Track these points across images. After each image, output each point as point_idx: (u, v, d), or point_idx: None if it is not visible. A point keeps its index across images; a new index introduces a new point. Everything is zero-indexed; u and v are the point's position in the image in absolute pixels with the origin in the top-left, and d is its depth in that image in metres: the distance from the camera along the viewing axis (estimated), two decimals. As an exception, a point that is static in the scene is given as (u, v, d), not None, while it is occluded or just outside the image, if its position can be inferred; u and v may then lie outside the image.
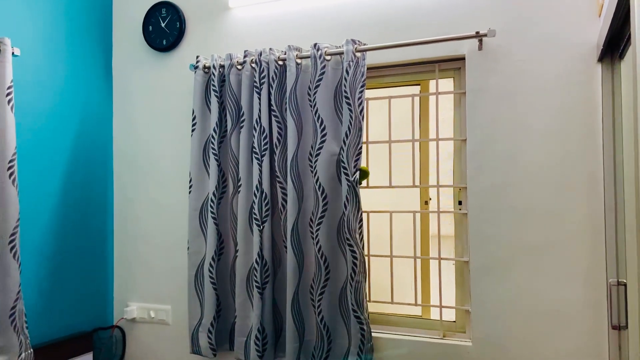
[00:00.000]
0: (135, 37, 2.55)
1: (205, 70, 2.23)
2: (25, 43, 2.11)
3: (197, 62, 2.24)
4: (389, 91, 2.20)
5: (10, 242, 1.85)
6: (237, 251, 2.13)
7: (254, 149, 2.09)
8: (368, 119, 2.21)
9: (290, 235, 2.00)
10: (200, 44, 2.42)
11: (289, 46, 2.05)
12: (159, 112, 2.50)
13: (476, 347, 1.91)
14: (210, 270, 2.15)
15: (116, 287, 2.57)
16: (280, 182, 2.06)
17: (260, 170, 2.06)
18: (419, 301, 2.12)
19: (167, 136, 2.48)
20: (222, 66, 2.19)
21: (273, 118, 2.06)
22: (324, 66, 1.99)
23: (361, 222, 1.95)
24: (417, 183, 2.13)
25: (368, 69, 2.13)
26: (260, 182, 2.06)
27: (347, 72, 1.93)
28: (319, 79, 1.98)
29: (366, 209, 2.18)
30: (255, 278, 2.04)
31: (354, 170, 1.93)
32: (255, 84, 2.09)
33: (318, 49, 1.99)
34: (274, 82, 2.06)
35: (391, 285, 2.16)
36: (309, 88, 2.03)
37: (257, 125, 2.07)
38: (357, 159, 1.94)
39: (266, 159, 2.07)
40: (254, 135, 2.09)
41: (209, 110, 2.23)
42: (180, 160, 2.44)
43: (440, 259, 2.06)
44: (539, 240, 1.84)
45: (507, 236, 1.88)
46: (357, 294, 1.92)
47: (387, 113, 2.16)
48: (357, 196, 1.92)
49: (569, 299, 1.80)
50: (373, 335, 2.01)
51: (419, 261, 2.14)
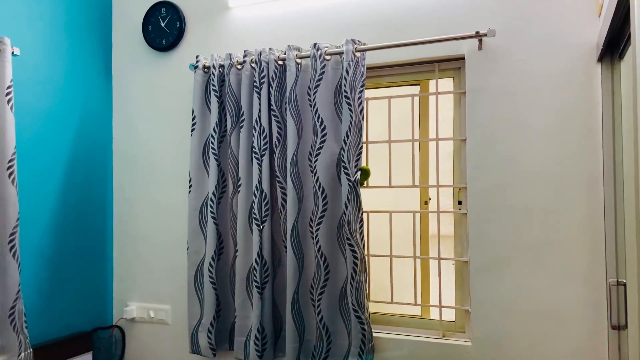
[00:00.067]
0: (135, 37, 2.55)
1: (205, 70, 2.23)
2: (25, 42, 2.11)
3: (196, 62, 2.24)
4: (389, 91, 2.20)
5: (10, 242, 1.85)
6: (236, 251, 2.13)
7: (253, 149, 2.09)
8: (368, 118, 2.21)
9: (290, 235, 2.00)
10: (200, 43, 2.42)
11: (288, 46, 2.05)
12: (158, 112, 2.50)
13: (476, 347, 1.91)
14: (210, 270, 2.15)
15: (116, 287, 2.57)
16: (280, 182, 2.06)
17: (260, 170, 2.06)
18: (419, 301, 2.12)
19: (166, 136, 2.48)
20: (221, 66, 2.19)
21: (273, 118, 2.06)
22: (324, 66, 1.99)
23: (362, 222, 1.95)
24: (417, 183, 2.13)
25: (368, 68, 2.13)
26: (260, 182, 2.06)
27: (347, 71, 1.93)
28: (319, 79, 1.98)
29: (366, 208, 2.18)
30: (254, 278, 2.04)
31: (355, 170, 1.93)
32: (255, 83, 2.09)
33: (318, 49, 1.99)
34: (273, 81, 2.06)
35: (391, 285, 2.16)
36: (309, 88, 2.03)
37: (257, 125, 2.07)
38: (357, 158, 1.94)
39: (266, 159, 2.07)
40: (253, 135, 2.09)
41: (209, 110, 2.23)
42: (180, 160, 2.44)
43: (439, 258, 2.06)
44: (538, 240, 1.84)
45: (506, 236, 1.88)
46: (358, 294, 1.92)
47: (386, 113, 2.16)
48: (357, 196, 1.92)
49: (569, 299, 1.80)
50: (373, 335, 2.01)
51: (418, 261, 2.14)
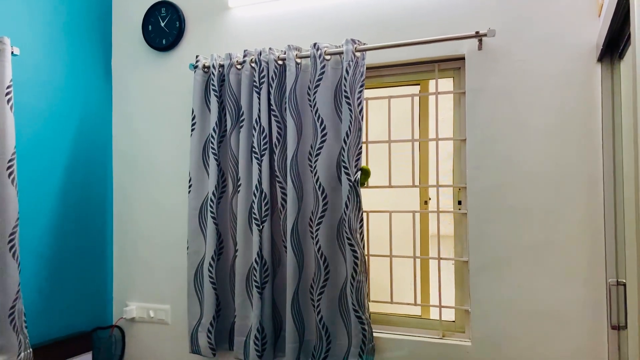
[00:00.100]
0: (135, 37, 2.55)
1: (205, 69, 2.23)
2: (24, 42, 2.11)
3: (196, 62, 2.24)
4: (389, 91, 2.20)
5: (10, 241, 1.85)
6: (236, 251, 2.13)
7: (253, 149, 2.09)
8: (368, 118, 2.21)
9: (290, 235, 2.00)
10: (200, 43, 2.42)
11: (288, 46, 2.05)
12: (158, 112, 2.50)
13: (475, 347, 1.91)
14: (209, 270, 2.15)
15: (115, 287, 2.57)
16: (279, 182, 2.06)
17: (260, 170, 2.06)
18: (419, 301, 2.12)
19: (166, 136, 2.48)
20: (221, 66, 2.19)
21: (273, 118, 2.06)
22: (324, 66, 1.99)
23: (362, 222, 1.95)
24: (417, 183, 2.13)
25: (367, 68, 2.13)
26: (260, 182, 2.06)
27: (347, 71, 1.93)
28: (319, 79, 1.98)
29: (366, 208, 2.18)
30: (254, 278, 2.04)
31: (355, 170, 1.93)
32: (254, 83, 2.09)
33: (318, 49, 1.99)
34: (273, 81, 2.06)
35: (390, 285, 2.16)
36: (309, 88, 2.03)
37: (257, 125, 2.07)
38: (357, 158, 1.94)
39: (266, 159, 2.06)
40: (253, 135, 2.09)
41: (209, 109, 2.23)
42: (180, 160, 2.44)
43: (439, 258, 2.06)
44: (538, 240, 1.84)
45: (506, 236, 1.88)
46: (358, 294, 1.92)
47: (386, 113, 2.16)
48: (358, 196, 1.92)
49: (569, 299, 1.80)
50: (374, 335, 2.01)
51: (418, 261, 2.14)
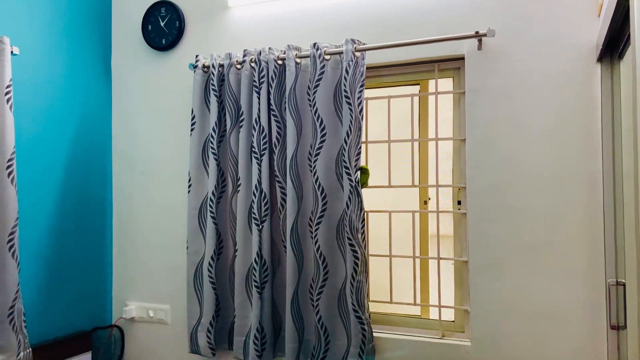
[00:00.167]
0: (135, 37, 2.55)
1: (205, 69, 2.23)
2: (24, 42, 2.11)
3: (196, 62, 2.24)
4: (388, 91, 2.20)
5: (9, 241, 1.85)
6: (236, 251, 2.13)
7: (253, 149, 2.08)
8: (367, 118, 2.21)
9: (290, 235, 2.00)
10: (200, 43, 2.41)
11: (288, 45, 2.05)
12: (158, 112, 2.49)
13: (475, 346, 1.91)
14: (209, 270, 2.15)
15: (115, 287, 2.57)
16: (279, 182, 2.06)
17: (260, 170, 2.06)
18: (418, 301, 2.12)
19: (166, 135, 2.47)
20: (221, 65, 2.19)
21: (272, 117, 2.06)
22: (324, 66, 1.99)
23: (364, 221, 1.95)
24: (417, 183, 2.13)
25: (367, 68, 2.12)
26: (260, 182, 2.06)
27: (347, 71, 1.93)
28: (319, 79, 1.98)
29: (365, 208, 2.17)
30: (254, 278, 2.04)
31: (355, 169, 1.93)
32: (254, 83, 2.09)
33: (317, 49, 1.99)
34: (273, 81, 2.06)
35: (390, 285, 2.16)
36: (309, 87, 2.03)
37: (257, 124, 2.07)
38: (357, 158, 1.94)
39: (265, 159, 2.06)
40: (253, 135, 2.09)
41: (208, 109, 2.23)
42: (179, 160, 2.44)
43: (439, 258, 2.06)
44: (537, 240, 1.84)
45: (506, 236, 1.88)
46: (358, 294, 1.91)
47: (386, 113, 2.16)
48: (359, 196, 1.92)
49: (568, 299, 1.80)
50: (373, 336, 2.01)
51: (418, 261, 2.14)
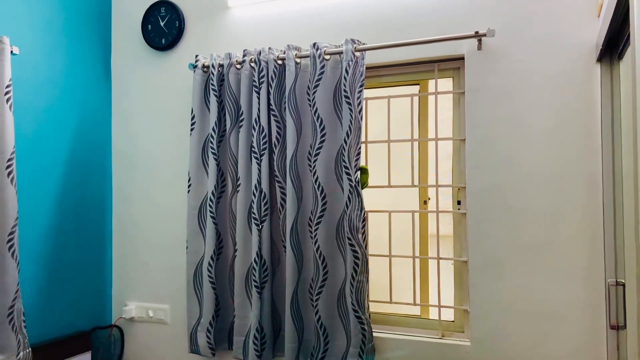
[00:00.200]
0: (134, 36, 2.55)
1: (204, 69, 2.23)
2: (24, 42, 2.11)
3: (196, 61, 2.24)
4: (388, 91, 2.20)
5: (9, 241, 1.85)
6: (236, 251, 2.13)
7: (253, 149, 2.08)
8: (367, 118, 2.21)
9: (289, 235, 2.00)
10: (200, 43, 2.41)
11: (288, 45, 2.05)
12: (157, 112, 2.49)
13: (475, 346, 1.91)
14: (209, 270, 2.15)
15: (115, 287, 2.57)
16: (279, 182, 2.06)
17: (259, 170, 2.06)
18: (418, 301, 2.12)
19: (165, 135, 2.47)
20: (221, 65, 2.19)
21: (272, 117, 2.06)
22: (323, 66, 1.99)
23: (364, 221, 1.95)
24: (416, 183, 2.13)
25: (367, 68, 2.12)
26: (259, 182, 2.06)
27: (347, 71, 1.93)
28: (318, 79, 1.98)
29: (365, 208, 2.17)
30: (254, 277, 2.04)
31: (355, 169, 1.93)
32: (254, 83, 2.09)
33: (317, 49, 1.99)
34: (273, 81, 2.06)
35: (390, 285, 2.16)
36: (308, 87, 2.03)
37: (256, 124, 2.07)
38: (357, 158, 1.94)
39: (265, 159, 2.06)
40: (253, 135, 2.09)
41: (208, 109, 2.23)
42: (179, 160, 2.43)
43: (439, 258, 2.06)
44: (537, 240, 1.84)
45: (505, 236, 1.88)
46: (358, 294, 1.91)
47: (386, 113, 2.16)
48: (359, 195, 1.92)
49: (568, 299, 1.80)
50: (373, 335, 2.01)
51: (417, 261, 2.14)
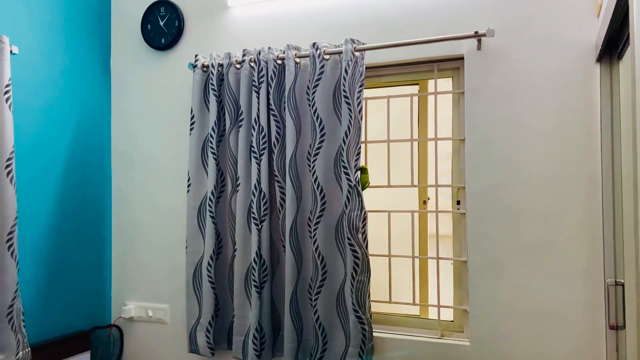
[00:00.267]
0: (134, 36, 2.54)
1: (204, 69, 2.23)
2: (23, 41, 2.10)
3: (195, 61, 2.23)
4: (388, 91, 2.20)
5: (8, 240, 1.85)
6: (235, 250, 2.13)
7: (252, 148, 2.08)
8: (366, 118, 2.21)
9: (289, 235, 2.00)
10: (199, 42, 2.41)
11: (287, 45, 2.05)
12: (157, 111, 2.49)
13: (474, 346, 1.91)
14: (208, 270, 2.15)
15: (114, 286, 2.57)
16: (278, 182, 2.06)
17: (259, 170, 2.06)
18: (417, 301, 2.12)
19: (165, 135, 2.47)
20: (220, 65, 2.19)
21: (272, 117, 2.06)
22: (323, 65, 1.99)
23: (364, 221, 1.94)
24: (416, 183, 2.13)
25: (367, 68, 2.12)
26: (259, 182, 2.06)
27: (346, 71, 1.93)
28: (318, 78, 1.98)
29: (365, 208, 2.17)
30: (253, 277, 2.04)
31: (355, 169, 1.93)
32: (254, 83, 2.09)
33: (317, 48, 1.99)
34: (272, 81, 2.06)
35: (389, 285, 2.16)
36: (308, 87, 2.03)
37: (256, 124, 2.07)
38: (357, 158, 1.94)
39: (265, 159, 2.06)
40: (252, 135, 2.09)
41: (208, 109, 2.23)
42: (179, 159, 2.43)
43: (438, 258, 2.06)
44: (537, 240, 1.84)
45: (505, 236, 1.88)
46: (359, 294, 1.91)
47: (385, 112, 2.16)
48: (359, 195, 1.92)
49: (567, 299, 1.80)
50: (373, 335, 2.00)
51: (417, 261, 2.14)
